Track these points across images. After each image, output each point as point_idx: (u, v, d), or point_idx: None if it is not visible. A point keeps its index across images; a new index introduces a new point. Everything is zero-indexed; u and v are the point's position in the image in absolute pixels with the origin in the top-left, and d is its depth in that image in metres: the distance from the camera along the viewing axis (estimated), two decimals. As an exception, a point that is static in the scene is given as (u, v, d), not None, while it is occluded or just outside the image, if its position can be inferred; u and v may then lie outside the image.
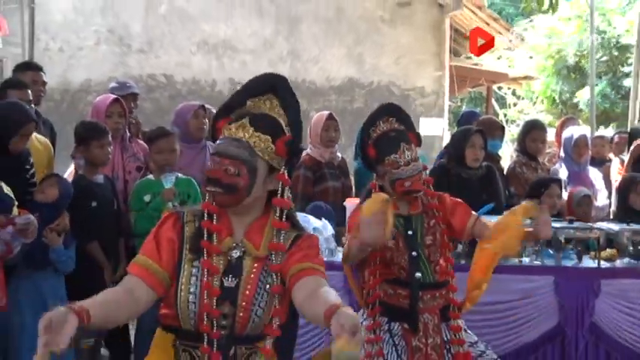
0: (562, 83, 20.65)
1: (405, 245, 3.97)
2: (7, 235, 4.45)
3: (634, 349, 5.38)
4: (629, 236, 5.75)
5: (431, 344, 3.96)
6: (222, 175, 2.55)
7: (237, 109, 2.69)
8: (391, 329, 4.01)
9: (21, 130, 4.77)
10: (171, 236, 2.62)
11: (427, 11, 12.46)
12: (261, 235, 2.66)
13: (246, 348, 2.66)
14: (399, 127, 4.08)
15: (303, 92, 11.96)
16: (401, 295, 3.99)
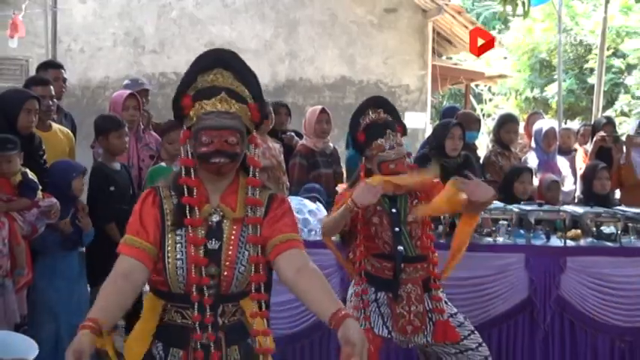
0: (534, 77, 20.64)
1: (389, 222, 3.99)
2: (32, 216, 4.48)
3: (596, 318, 5.39)
4: (592, 218, 5.77)
5: (414, 312, 3.98)
6: (226, 146, 2.53)
7: (193, 85, 2.62)
8: (377, 298, 4.04)
9: (24, 105, 4.73)
10: (153, 212, 2.58)
11: (411, 17, 12.46)
12: (235, 198, 2.65)
13: (232, 305, 2.66)
14: (387, 117, 4.14)
15: (300, 89, 11.99)
16: (386, 268, 4.01)
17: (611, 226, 5.74)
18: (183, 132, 2.67)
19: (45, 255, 4.77)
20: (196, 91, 2.61)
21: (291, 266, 2.57)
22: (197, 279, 2.52)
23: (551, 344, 5.48)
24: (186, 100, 2.60)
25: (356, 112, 4.25)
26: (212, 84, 2.60)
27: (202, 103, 2.56)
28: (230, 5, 11.97)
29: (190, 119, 2.59)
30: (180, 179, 2.59)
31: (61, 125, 5.76)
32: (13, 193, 4.41)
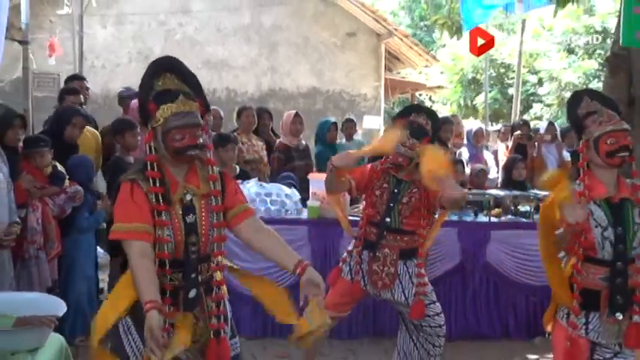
0: (464, 90, 20.80)
1: (387, 198, 3.94)
2: (61, 200, 4.48)
3: (514, 279, 5.44)
4: (511, 199, 5.82)
5: (386, 271, 3.93)
6: (195, 140, 2.53)
7: (153, 91, 2.57)
8: (362, 257, 4.01)
9: (72, 120, 4.73)
10: (143, 199, 2.51)
11: (368, 39, 12.46)
12: (197, 177, 2.63)
13: (207, 264, 2.67)
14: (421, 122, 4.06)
15: (279, 97, 11.95)
16: (372, 232, 3.97)
17: (526, 206, 5.80)
18: (147, 133, 2.58)
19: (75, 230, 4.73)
20: (155, 95, 2.56)
21: (251, 229, 2.71)
22: (187, 258, 2.55)
23: (479, 300, 5.52)
24: (152, 105, 2.53)
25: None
26: (166, 87, 2.58)
27: (167, 106, 2.51)
28: (222, 30, 11.92)
29: (157, 120, 2.53)
30: (147, 173, 2.53)
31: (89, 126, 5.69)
32: (45, 182, 4.39)
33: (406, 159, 3.86)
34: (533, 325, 5.51)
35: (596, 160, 2.88)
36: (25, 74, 5.93)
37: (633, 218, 2.85)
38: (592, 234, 2.82)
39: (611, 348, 2.89)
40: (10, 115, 4.29)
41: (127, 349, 2.58)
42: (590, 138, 2.89)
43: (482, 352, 5.18)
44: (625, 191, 2.89)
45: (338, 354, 4.96)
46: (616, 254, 2.82)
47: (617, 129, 2.84)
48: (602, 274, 2.84)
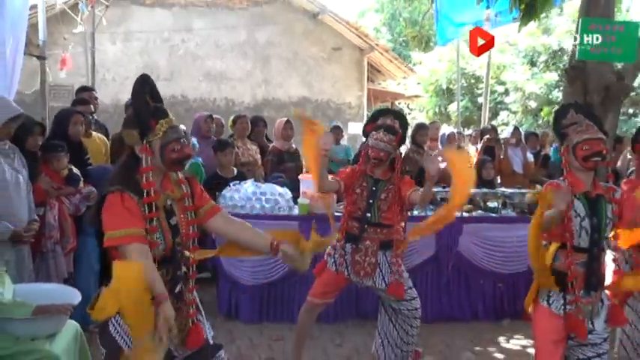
0: (439, 99, 20.86)
1: (367, 195, 3.99)
2: (77, 200, 4.46)
3: (483, 267, 5.45)
4: (481, 196, 5.84)
5: (367, 261, 3.98)
6: (188, 151, 2.58)
7: (149, 107, 2.53)
8: (346, 249, 4.03)
9: (72, 119, 4.71)
10: (135, 207, 2.42)
11: (352, 53, 12.49)
12: (170, 182, 2.61)
13: (186, 260, 2.65)
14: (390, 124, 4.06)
15: (273, 106, 11.95)
16: (354, 226, 4.01)
17: (494, 202, 5.81)
18: (143, 147, 2.49)
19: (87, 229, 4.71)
20: (151, 110, 2.53)
21: (222, 222, 2.74)
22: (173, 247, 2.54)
23: (452, 287, 5.52)
24: (154, 123, 2.50)
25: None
26: (154, 105, 2.56)
27: (165, 121, 2.51)
28: (221, 46, 11.92)
29: (156, 134, 2.49)
30: (144, 184, 2.46)
31: (98, 133, 5.69)
32: (61, 183, 4.36)
33: (386, 153, 3.91)
34: (500, 308, 5.55)
35: (574, 163, 2.98)
36: (43, 87, 5.93)
37: (606, 212, 2.96)
38: (572, 223, 2.91)
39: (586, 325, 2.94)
40: (30, 123, 4.26)
41: (123, 347, 2.48)
42: (570, 144, 2.99)
43: (455, 333, 5.20)
44: (600, 189, 2.99)
45: (326, 336, 4.96)
46: (591, 242, 2.92)
47: (592, 137, 2.93)
48: (579, 259, 2.91)
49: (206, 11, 11.86)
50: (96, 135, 5.57)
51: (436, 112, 20.97)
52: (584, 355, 2.98)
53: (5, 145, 3.71)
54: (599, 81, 5.87)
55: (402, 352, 4.18)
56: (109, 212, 2.42)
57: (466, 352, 4.82)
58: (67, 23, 9.75)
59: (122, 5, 11.31)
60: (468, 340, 5.06)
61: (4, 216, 3.57)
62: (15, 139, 3.95)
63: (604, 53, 5.64)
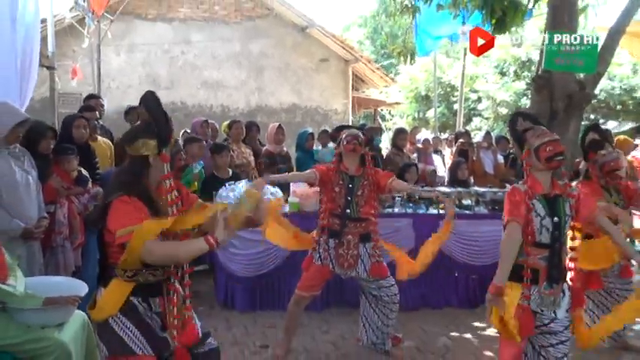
0: (418, 106, 20.94)
1: (345, 192, 4.02)
2: (85, 199, 4.44)
3: (457, 260, 5.47)
4: (456, 195, 5.83)
5: (350, 254, 4.03)
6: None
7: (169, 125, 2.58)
8: (329, 244, 4.06)
9: (75, 123, 4.69)
10: (142, 207, 2.40)
11: (338, 64, 12.50)
12: (163, 189, 2.55)
13: None
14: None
15: (265, 112, 11.93)
16: (336, 223, 4.04)
17: (468, 200, 5.83)
18: (164, 156, 2.50)
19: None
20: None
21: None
22: None
23: (429, 277, 5.51)
24: (170, 136, 2.57)
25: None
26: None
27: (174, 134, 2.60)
28: (217, 57, 11.88)
29: (172, 145, 2.58)
30: (164, 190, 2.50)
31: (104, 138, 5.66)
32: (71, 183, 4.35)
33: (357, 142, 4.02)
34: (472, 297, 5.58)
35: (536, 165, 2.97)
36: (52, 94, 5.90)
37: (565, 210, 2.96)
38: (534, 223, 2.91)
39: (547, 315, 2.95)
40: (43, 127, 4.25)
41: (129, 343, 2.44)
42: (531, 148, 2.98)
43: (432, 320, 5.22)
44: (558, 189, 2.99)
45: (314, 324, 4.97)
46: (552, 238, 2.92)
47: (552, 139, 2.95)
48: (541, 254, 2.91)
49: (204, 25, 11.83)
50: (101, 139, 5.55)
51: (415, 118, 21.07)
52: (548, 343, 2.99)
53: (15, 148, 3.69)
54: (563, 90, 5.92)
55: (382, 333, 4.27)
56: (117, 214, 2.37)
57: (442, 337, 4.84)
58: (75, 36, 9.69)
59: (126, 20, 11.25)
60: (444, 326, 5.09)
61: (16, 214, 3.55)
62: (28, 142, 3.95)
63: (568, 65, 5.69)
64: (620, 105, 17.25)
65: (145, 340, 2.45)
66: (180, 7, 11.74)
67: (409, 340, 4.64)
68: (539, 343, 3.02)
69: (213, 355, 2.75)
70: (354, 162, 4.09)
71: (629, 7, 5.97)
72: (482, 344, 4.60)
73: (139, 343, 2.44)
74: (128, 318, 2.46)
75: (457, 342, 4.77)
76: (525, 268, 2.92)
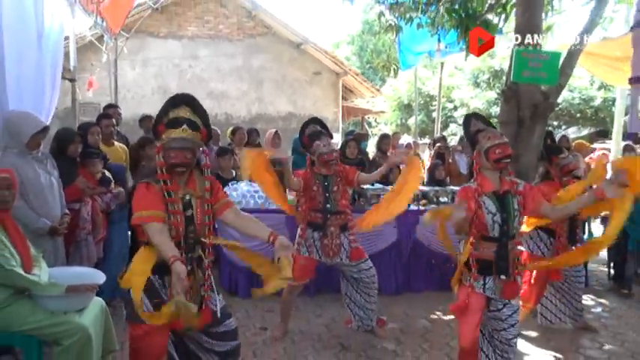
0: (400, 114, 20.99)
1: (322, 190, 4.02)
2: (108, 198, 4.43)
3: (435, 250, 5.47)
4: (433, 193, 5.86)
5: (334, 244, 4.04)
6: (184, 160, 2.56)
7: (165, 117, 2.60)
8: (314, 237, 4.06)
9: (90, 129, 4.66)
10: (157, 193, 2.55)
11: (329, 77, 12.50)
12: (194, 183, 2.65)
13: (202, 245, 2.66)
14: (320, 129, 4.16)
15: (265, 120, 11.91)
16: (318, 217, 4.04)
17: (445, 197, 5.84)
18: (157, 147, 2.63)
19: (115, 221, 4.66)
20: (168, 120, 2.59)
21: (232, 215, 2.75)
22: (185, 237, 2.57)
23: (410, 266, 5.55)
24: (161, 127, 2.59)
25: (302, 126, 4.26)
26: (177, 116, 2.59)
27: (171, 131, 2.56)
28: (222, 70, 11.88)
29: (162, 140, 2.58)
30: (157, 175, 2.58)
31: (120, 143, 5.64)
32: (96, 184, 4.35)
33: (335, 153, 4.03)
34: (448, 283, 5.55)
35: (486, 165, 2.95)
36: (74, 104, 5.87)
37: (513, 206, 2.92)
38: (484, 219, 2.88)
39: (501, 300, 2.95)
40: (71, 133, 4.26)
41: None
42: (482, 149, 2.95)
43: (413, 303, 5.23)
44: (506, 186, 2.96)
45: (309, 308, 4.97)
46: (501, 233, 2.89)
47: (501, 142, 2.91)
48: (493, 247, 2.90)
49: (209, 42, 11.80)
50: (118, 144, 5.52)
51: (398, 125, 21.15)
52: (501, 327, 2.99)
53: (38, 152, 3.67)
54: (529, 99, 5.92)
55: (366, 309, 4.30)
56: (137, 197, 2.55)
57: (422, 319, 4.85)
58: (94, 52, 9.64)
59: (140, 37, 11.22)
60: (424, 309, 5.09)
61: (42, 214, 3.55)
62: (58, 147, 4.03)
63: (533, 77, 5.69)
64: (579, 113, 17.34)
65: (154, 310, 2.55)
66: (188, 26, 11.73)
67: (393, 322, 4.65)
68: (493, 327, 3.02)
69: (229, 335, 2.78)
70: (325, 169, 4.09)
71: (586, 28, 6.00)
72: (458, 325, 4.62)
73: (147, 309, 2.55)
74: (145, 293, 2.54)
75: (435, 323, 4.78)
76: (479, 261, 2.92)
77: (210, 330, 2.72)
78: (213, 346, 2.77)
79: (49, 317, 2.80)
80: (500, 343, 2.99)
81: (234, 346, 2.83)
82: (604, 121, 16.54)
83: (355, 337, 4.32)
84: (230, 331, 2.77)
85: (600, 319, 4.99)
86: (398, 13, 6.97)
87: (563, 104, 16.59)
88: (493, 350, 3.05)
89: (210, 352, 2.79)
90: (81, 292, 2.89)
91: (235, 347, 2.83)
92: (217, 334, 2.74)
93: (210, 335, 2.73)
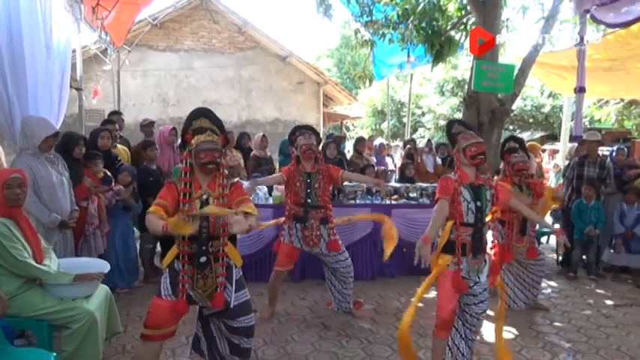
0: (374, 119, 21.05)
1: (305, 186, 4.03)
2: (110, 195, 4.37)
3: (407, 240, 5.50)
4: (404, 189, 5.90)
5: (314, 234, 4.04)
6: (214, 158, 2.58)
7: (190, 127, 2.64)
8: (296, 228, 4.06)
9: (100, 134, 4.68)
10: (172, 193, 2.60)
11: (311, 86, 12.47)
12: (215, 185, 2.65)
13: (216, 241, 2.65)
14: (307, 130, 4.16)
15: (254, 125, 11.83)
16: (300, 210, 4.04)
17: (414, 193, 5.88)
18: (185, 153, 2.66)
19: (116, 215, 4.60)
20: (193, 130, 2.63)
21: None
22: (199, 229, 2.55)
23: (376, 256, 5.55)
24: (189, 136, 2.63)
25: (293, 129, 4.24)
26: (200, 125, 2.64)
27: (199, 137, 2.59)
28: (215, 80, 11.79)
29: (191, 145, 2.60)
30: (181, 178, 2.61)
31: (123, 145, 5.57)
32: (99, 183, 4.31)
33: (313, 146, 4.03)
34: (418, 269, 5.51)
35: (464, 161, 3.01)
36: (80, 111, 5.77)
37: (486, 196, 2.98)
38: (461, 206, 2.92)
39: (472, 279, 2.99)
40: (76, 137, 4.21)
41: (161, 289, 2.68)
42: (460, 147, 3.02)
43: (387, 288, 5.26)
44: (481, 180, 3.01)
45: (293, 292, 4.96)
46: (476, 219, 2.95)
47: (476, 142, 2.99)
48: (468, 232, 2.94)
49: (204, 55, 11.70)
50: (121, 147, 5.47)
51: (373, 129, 21.21)
52: (472, 302, 3.03)
53: (50, 154, 3.64)
54: (487, 106, 5.99)
55: (344, 294, 4.33)
56: (159, 194, 2.61)
57: (395, 301, 4.88)
58: (99, 63, 9.50)
59: (141, 50, 11.07)
60: (396, 293, 5.13)
61: (54, 209, 3.53)
62: (64, 149, 3.97)
63: (491, 86, 5.76)
64: (531, 118, 17.60)
65: (171, 289, 2.65)
66: (184, 40, 11.61)
67: (369, 304, 4.67)
68: (465, 302, 3.05)
69: (241, 330, 2.75)
70: (310, 162, 4.08)
71: (537, 43, 6.09)
72: (427, 306, 4.64)
73: (165, 290, 2.66)
74: (168, 273, 2.68)
75: (406, 304, 4.78)
76: (457, 244, 2.96)
77: (226, 321, 2.73)
78: (230, 336, 2.78)
79: (58, 303, 2.76)
80: (470, 317, 3.03)
81: (244, 347, 2.79)
82: (553, 125, 16.80)
83: (335, 318, 4.33)
84: (242, 327, 2.75)
85: (550, 299, 5.08)
86: (372, 29, 7.00)
87: (518, 111, 16.81)
88: (462, 324, 3.09)
89: (227, 341, 2.81)
90: (87, 280, 2.85)
91: (245, 349, 2.80)
92: (231, 327, 2.74)
93: (227, 326, 2.75)
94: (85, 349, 2.75)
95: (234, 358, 2.81)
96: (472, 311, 3.02)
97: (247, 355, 2.84)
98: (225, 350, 2.82)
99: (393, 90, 19.12)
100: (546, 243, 7.62)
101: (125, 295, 4.61)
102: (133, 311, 4.29)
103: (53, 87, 4.28)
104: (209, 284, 2.64)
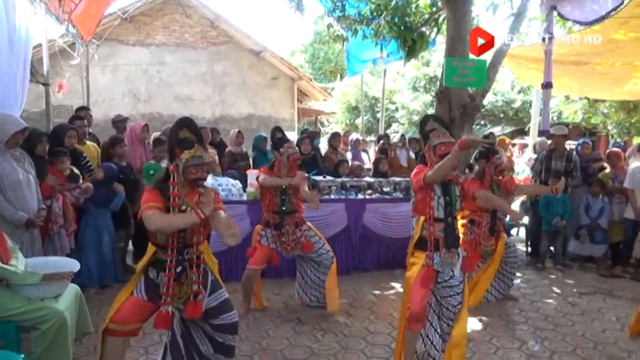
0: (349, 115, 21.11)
1: (279, 193, 4.03)
2: (76, 193, 4.30)
3: (380, 234, 5.57)
4: (378, 184, 5.95)
5: (291, 239, 4.06)
6: (203, 174, 2.61)
7: (176, 140, 2.60)
8: (273, 234, 4.07)
9: (67, 133, 4.55)
10: (159, 196, 2.55)
11: (286, 82, 12.43)
12: (193, 194, 2.63)
13: (191, 249, 2.65)
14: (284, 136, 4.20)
15: (228, 120, 11.73)
16: (276, 217, 4.04)
17: (388, 188, 5.94)
18: (171, 168, 2.60)
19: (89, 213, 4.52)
20: (179, 142, 2.60)
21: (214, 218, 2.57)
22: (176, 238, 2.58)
23: (359, 248, 5.60)
24: (178, 151, 2.59)
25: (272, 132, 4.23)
26: (185, 137, 2.62)
27: (188, 151, 2.58)
28: (187, 75, 11.62)
29: (181, 160, 2.57)
30: (170, 192, 2.56)
31: (92, 142, 5.45)
32: (64, 181, 4.19)
33: (300, 157, 4.09)
34: (392, 263, 5.67)
35: (433, 159, 3.03)
36: (47, 107, 5.62)
37: (455, 192, 3.03)
38: (432, 201, 2.96)
39: (447, 273, 3.03)
40: (39, 134, 4.09)
41: (134, 289, 2.68)
42: (431, 145, 3.05)
43: (362, 281, 5.30)
44: (450, 176, 3.02)
45: (269, 288, 4.95)
46: (446, 213, 2.99)
47: (446, 141, 3.01)
48: (440, 227, 2.98)
49: (175, 49, 11.52)
50: (90, 143, 5.34)
51: (347, 124, 21.26)
52: (448, 294, 3.07)
53: (16, 151, 3.54)
54: (459, 101, 6.07)
55: (318, 287, 4.29)
56: (143, 199, 2.54)
57: (369, 294, 4.92)
58: (66, 57, 9.26)
59: (110, 44, 10.83)
60: (371, 287, 5.17)
61: (20, 208, 3.43)
62: (28, 146, 3.82)
63: (462, 82, 5.84)
64: (502, 114, 17.91)
65: (144, 290, 2.65)
66: (156, 35, 11.41)
67: (343, 298, 4.69)
68: (441, 295, 3.09)
69: (224, 328, 2.72)
70: (286, 168, 4.08)
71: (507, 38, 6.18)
72: (399, 298, 4.69)
73: (138, 290, 2.66)
74: (144, 275, 2.68)
75: (380, 297, 4.87)
76: (429, 239, 3.00)
77: (209, 321, 2.70)
78: (214, 335, 2.74)
79: (26, 304, 2.69)
80: (446, 309, 3.08)
81: (229, 344, 2.76)
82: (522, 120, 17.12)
83: (310, 312, 4.34)
84: (225, 324, 2.72)
85: (520, 289, 5.20)
86: (345, 24, 7.00)
87: (489, 106, 17.08)
88: (438, 317, 3.13)
89: (211, 341, 2.75)
90: (56, 279, 2.79)
91: (229, 346, 2.77)
92: (215, 325, 2.71)
93: (210, 325, 2.72)
94: (55, 349, 2.70)
95: (219, 357, 2.77)
96: (448, 304, 3.07)
97: (232, 353, 2.80)
98: (209, 350, 2.77)
99: (367, 86, 19.19)
100: (516, 235, 7.79)
101: (95, 295, 4.54)
102: (103, 311, 4.18)
103: (17, 82, 4.17)
104: (184, 291, 2.64)
